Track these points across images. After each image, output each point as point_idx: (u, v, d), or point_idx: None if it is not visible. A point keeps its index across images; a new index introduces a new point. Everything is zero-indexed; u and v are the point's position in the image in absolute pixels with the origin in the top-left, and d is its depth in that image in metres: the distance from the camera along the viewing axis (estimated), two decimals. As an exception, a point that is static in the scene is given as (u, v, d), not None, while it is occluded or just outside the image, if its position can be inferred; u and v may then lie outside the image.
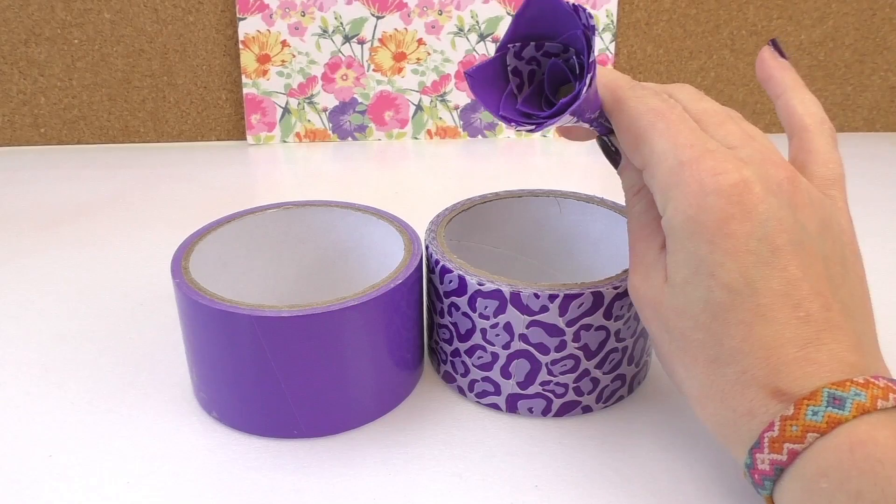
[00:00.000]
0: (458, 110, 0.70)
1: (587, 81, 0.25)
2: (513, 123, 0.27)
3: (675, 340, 0.27)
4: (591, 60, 0.25)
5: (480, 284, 0.31)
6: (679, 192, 0.25)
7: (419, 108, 0.70)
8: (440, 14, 0.67)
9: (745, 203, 0.24)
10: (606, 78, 0.28)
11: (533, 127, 0.27)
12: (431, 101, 0.70)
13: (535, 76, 0.28)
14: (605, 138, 0.31)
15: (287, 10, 0.66)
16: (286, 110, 0.69)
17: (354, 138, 0.70)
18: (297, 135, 0.70)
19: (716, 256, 0.25)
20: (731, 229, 0.24)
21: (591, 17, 0.25)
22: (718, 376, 0.25)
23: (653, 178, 0.27)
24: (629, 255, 0.29)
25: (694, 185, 0.25)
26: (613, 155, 0.31)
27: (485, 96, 0.28)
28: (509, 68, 0.28)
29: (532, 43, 0.28)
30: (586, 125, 0.29)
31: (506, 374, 0.33)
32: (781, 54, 0.31)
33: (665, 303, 0.27)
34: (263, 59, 0.67)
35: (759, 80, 0.31)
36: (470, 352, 0.33)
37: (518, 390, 0.33)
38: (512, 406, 0.33)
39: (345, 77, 0.68)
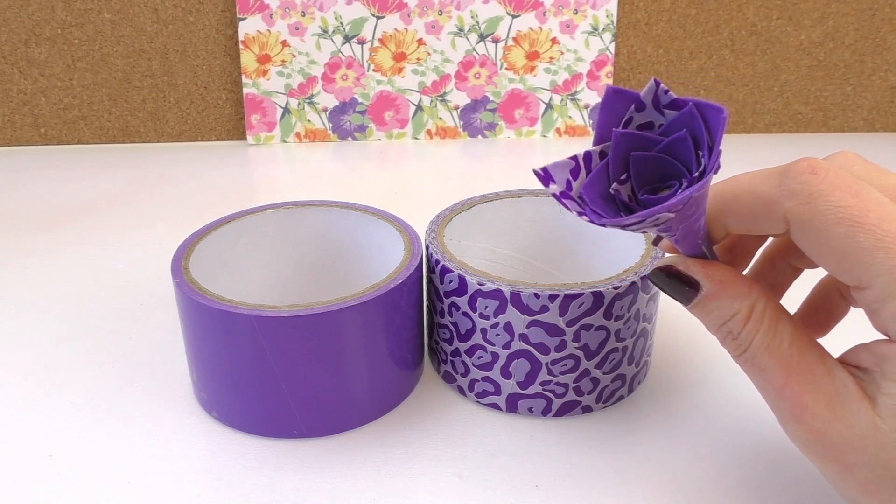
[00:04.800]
0: (458, 110, 0.70)
1: (710, 164, 0.21)
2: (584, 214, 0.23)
3: None
4: (716, 148, 0.22)
5: (481, 284, 0.31)
6: None
7: (419, 108, 0.70)
8: (440, 14, 0.67)
9: None
10: (757, 188, 0.24)
11: (606, 220, 0.23)
12: (431, 101, 0.70)
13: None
14: (671, 270, 0.26)
15: (287, 10, 0.66)
16: (286, 110, 0.69)
17: (354, 138, 0.70)
18: (297, 135, 0.70)
19: None
20: None
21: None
22: None
23: (879, 302, 0.22)
24: (779, 396, 0.24)
25: None
26: (687, 288, 0.25)
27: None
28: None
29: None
30: (666, 235, 0.24)
31: (506, 373, 0.33)
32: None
33: (889, 441, 0.22)
34: (263, 59, 0.67)
35: None
36: (470, 352, 0.33)
37: (518, 390, 0.33)
38: (512, 406, 0.33)
39: (345, 77, 0.68)
